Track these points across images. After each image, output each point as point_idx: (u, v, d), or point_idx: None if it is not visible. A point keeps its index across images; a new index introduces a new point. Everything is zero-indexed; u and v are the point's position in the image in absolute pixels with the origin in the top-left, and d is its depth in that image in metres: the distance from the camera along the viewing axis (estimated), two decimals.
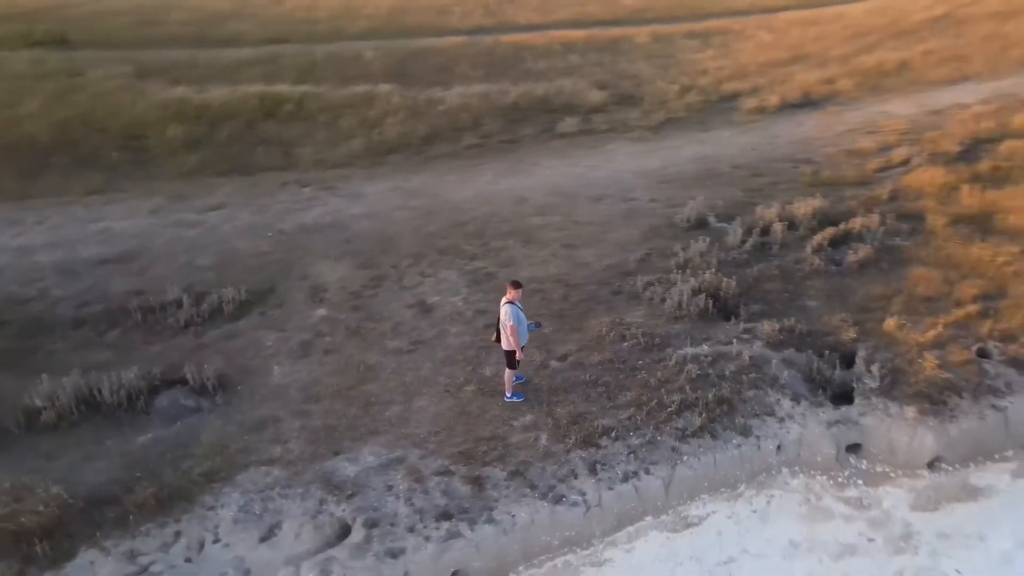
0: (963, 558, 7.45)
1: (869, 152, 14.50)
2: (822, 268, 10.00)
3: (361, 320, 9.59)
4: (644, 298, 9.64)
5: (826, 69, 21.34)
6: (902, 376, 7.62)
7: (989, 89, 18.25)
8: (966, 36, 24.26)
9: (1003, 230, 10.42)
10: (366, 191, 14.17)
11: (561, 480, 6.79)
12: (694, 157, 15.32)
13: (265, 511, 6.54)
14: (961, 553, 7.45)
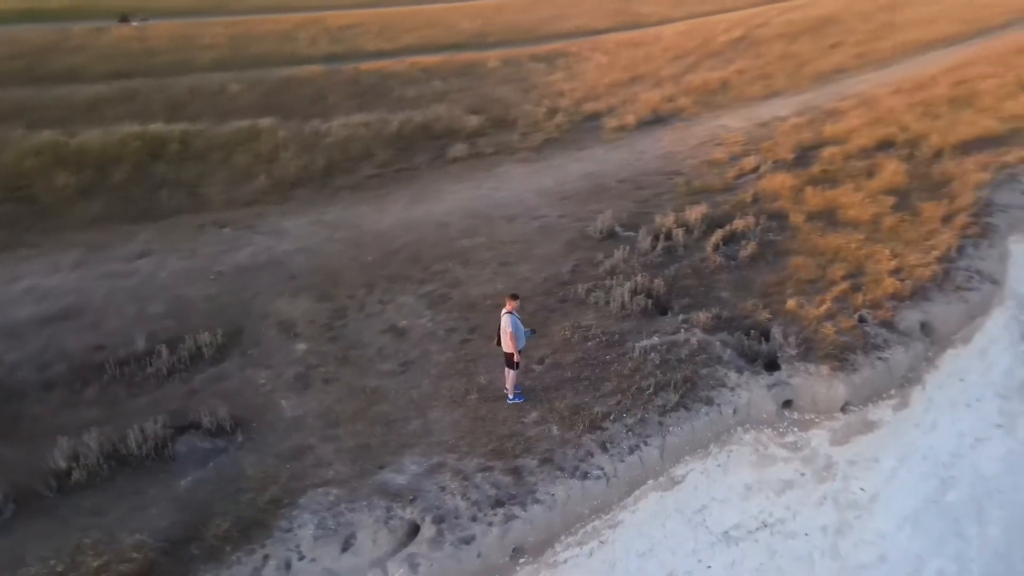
0: (865, 478, 9.71)
1: (723, 162, 17.17)
2: (723, 264, 12.13)
3: (344, 349, 10.31)
4: (590, 303, 11.21)
5: (663, 88, 24.30)
6: (812, 343, 9.76)
7: (797, 103, 21.91)
8: (765, 56, 28.51)
9: (847, 221, 13.16)
10: (286, 227, 14.58)
11: (582, 460, 8.13)
12: (581, 174, 17.21)
13: (339, 525, 7.28)
14: (863, 474, 9.71)
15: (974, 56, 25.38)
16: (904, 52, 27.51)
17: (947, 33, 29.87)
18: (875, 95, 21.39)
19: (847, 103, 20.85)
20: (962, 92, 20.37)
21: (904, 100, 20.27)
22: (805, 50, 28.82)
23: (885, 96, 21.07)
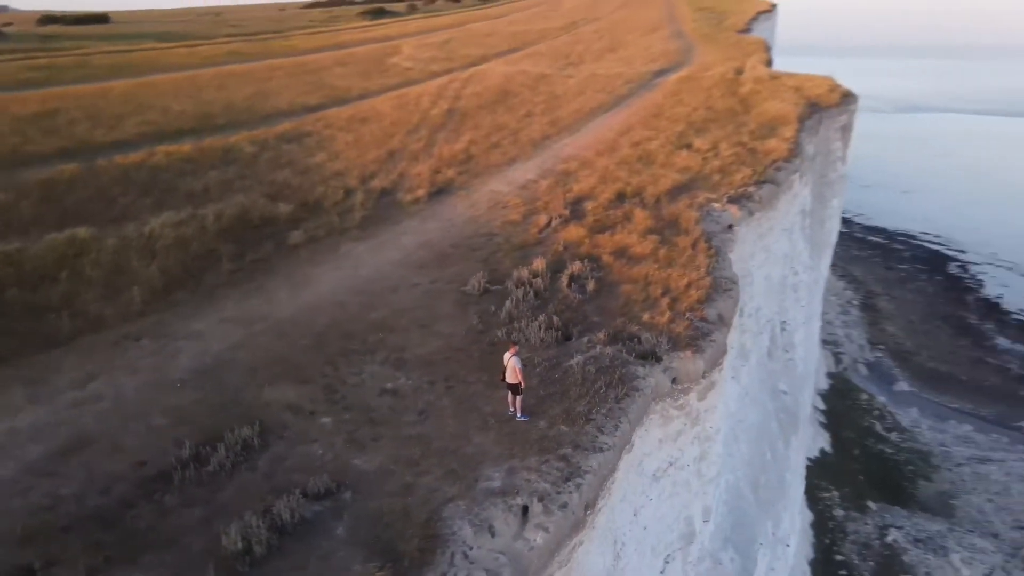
0: (712, 420, 15.26)
1: (520, 222, 22.08)
2: (581, 298, 16.90)
3: (363, 414, 12.68)
4: (516, 341, 15.02)
5: (423, 162, 28.60)
6: (672, 339, 14.96)
7: (534, 167, 27.96)
8: (481, 127, 34.54)
9: (638, 256, 18.89)
10: (199, 329, 15.69)
11: (593, 441, 12.07)
12: (416, 245, 20.69)
13: (480, 521, 10.20)
14: (712, 417, 15.25)
15: (629, 121, 34.38)
16: (578, 119, 35.73)
17: (598, 102, 39.20)
18: (586, 157, 28.40)
19: (572, 165, 27.44)
20: (642, 152, 28.29)
21: (610, 160, 27.48)
22: (508, 120, 35.56)
23: (594, 158, 28.16)
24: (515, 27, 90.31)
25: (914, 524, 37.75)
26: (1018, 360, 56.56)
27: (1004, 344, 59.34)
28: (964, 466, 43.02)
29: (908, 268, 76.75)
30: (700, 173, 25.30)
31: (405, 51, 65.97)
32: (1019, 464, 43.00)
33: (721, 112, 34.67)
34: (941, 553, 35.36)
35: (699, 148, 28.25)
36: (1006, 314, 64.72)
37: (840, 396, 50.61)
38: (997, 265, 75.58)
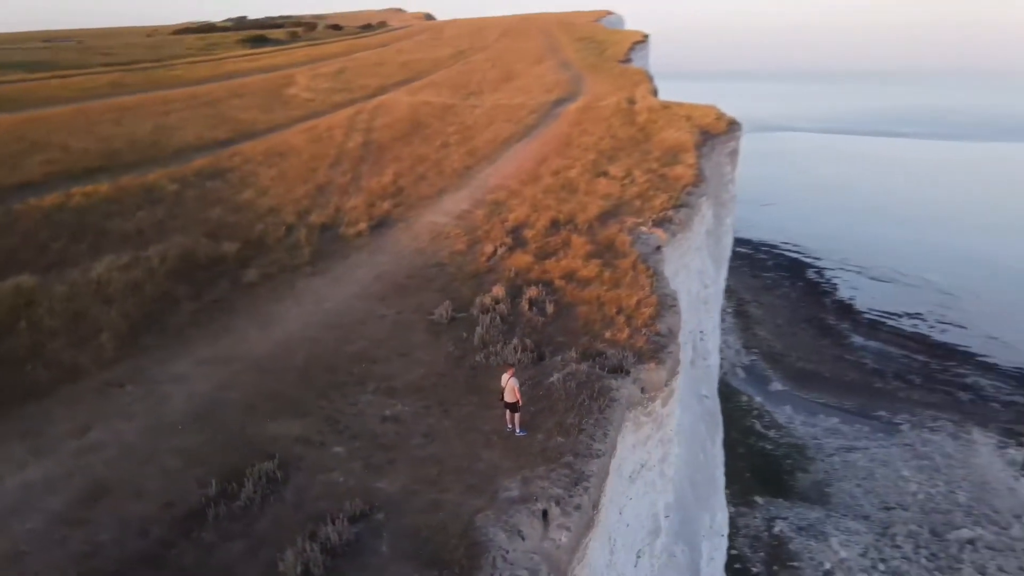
0: (671, 424, 17.01)
1: (466, 251, 23.24)
2: (544, 320, 18.28)
3: (371, 441, 13.42)
4: (494, 364, 16.20)
5: (354, 195, 29.22)
6: (639, 354, 16.58)
7: (465, 197, 29.23)
8: (403, 159, 35.48)
9: (586, 279, 20.52)
10: (181, 372, 15.84)
11: (588, 447, 13.39)
12: (372, 278, 21.41)
13: (510, 526, 11.28)
14: (671, 421, 17.00)
15: (543, 151, 36.36)
16: (494, 149, 37.38)
17: (509, 132, 41.05)
18: (512, 187, 29.98)
19: (501, 195, 28.93)
20: (564, 180, 30.19)
21: (535, 189, 29.17)
22: (427, 151, 36.68)
23: (520, 187, 29.78)
24: (405, 56, 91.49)
25: (796, 514, 41.32)
26: (871, 356, 62.99)
27: (859, 341, 65.89)
28: (834, 456, 47.44)
29: (773, 276, 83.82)
30: (622, 199, 27.42)
31: (301, 81, 65.64)
32: (880, 450, 47.87)
33: (625, 141, 37.31)
34: (821, 538, 38.90)
35: (615, 175, 30.48)
36: (858, 314, 71.94)
37: (723, 399, 54.55)
38: (847, 270, 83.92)
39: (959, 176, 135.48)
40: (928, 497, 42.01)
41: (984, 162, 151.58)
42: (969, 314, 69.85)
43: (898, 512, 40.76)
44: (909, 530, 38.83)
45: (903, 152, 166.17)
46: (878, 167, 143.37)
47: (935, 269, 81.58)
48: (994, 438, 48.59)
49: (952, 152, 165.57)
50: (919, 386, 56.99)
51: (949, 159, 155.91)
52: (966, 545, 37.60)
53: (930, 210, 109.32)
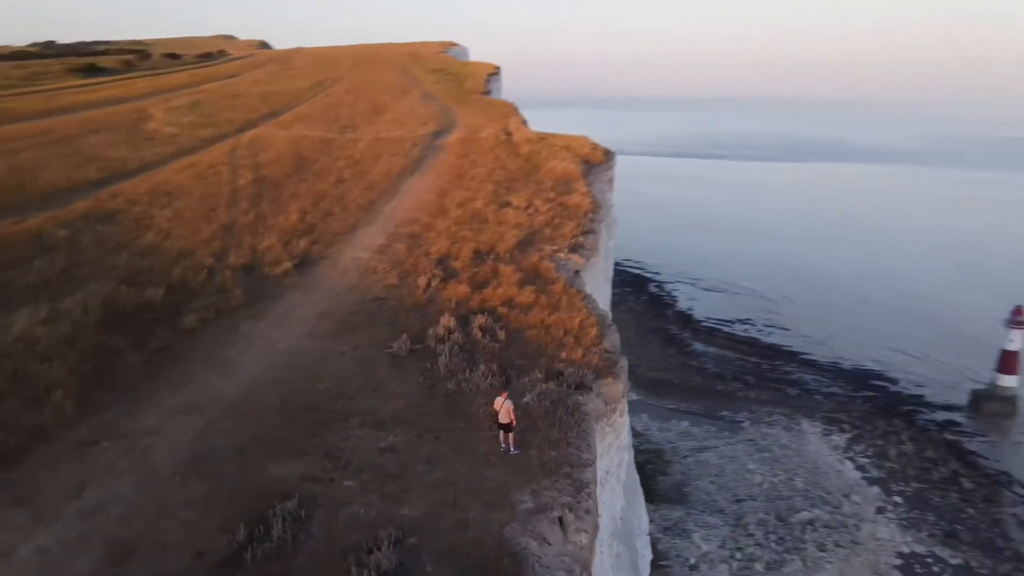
0: (625, 432, 18.77)
1: (400, 285, 23.90)
2: (499, 346, 19.44)
3: (378, 471, 13.97)
4: (467, 390, 17.15)
5: (265, 234, 28.91)
6: (597, 370, 18.15)
7: (379, 232, 29.77)
8: (302, 196, 35.31)
9: (523, 304, 21.92)
10: (153, 424, 15.52)
11: (579, 458, 14.72)
12: (315, 316, 21.59)
13: (535, 533, 12.37)
14: (625, 430, 18.75)
15: (439, 183, 37.56)
16: (390, 183, 38.09)
17: (400, 165, 41.88)
18: (423, 220, 30.92)
19: (415, 228, 29.80)
20: (471, 212, 31.56)
21: (447, 222, 30.31)
22: (324, 187, 36.71)
23: (431, 220, 30.79)
24: (261, 88, 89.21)
25: (660, 515, 44.25)
26: (711, 360, 68.74)
27: (700, 348, 71.80)
28: (689, 457, 50.93)
29: (618, 291, 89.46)
30: (533, 228, 29.20)
31: (157, 115, 62.51)
32: (727, 448, 52.01)
33: (516, 172, 39.34)
34: (684, 536, 41.91)
35: (518, 205, 32.27)
36: (697, 323, 78.57)
37: None
38: (684, 282, 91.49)
39: (770, 193, 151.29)
40: (772, 486, 45.85)
41: (789, 180, 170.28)
42: (788, 317, 78.04)
43: (748, 503, 44.56)
44: (759, 518, 42.48)
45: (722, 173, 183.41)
46: (702, 187, 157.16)
47: (756, 278, 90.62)
48: (819, 426, 54.07)
49: (762, 172, 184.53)
50: (754, 385, 62.52)
51: (760, 178, 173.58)
52: (807, 526, 41.52)
53: (749, 225, 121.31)
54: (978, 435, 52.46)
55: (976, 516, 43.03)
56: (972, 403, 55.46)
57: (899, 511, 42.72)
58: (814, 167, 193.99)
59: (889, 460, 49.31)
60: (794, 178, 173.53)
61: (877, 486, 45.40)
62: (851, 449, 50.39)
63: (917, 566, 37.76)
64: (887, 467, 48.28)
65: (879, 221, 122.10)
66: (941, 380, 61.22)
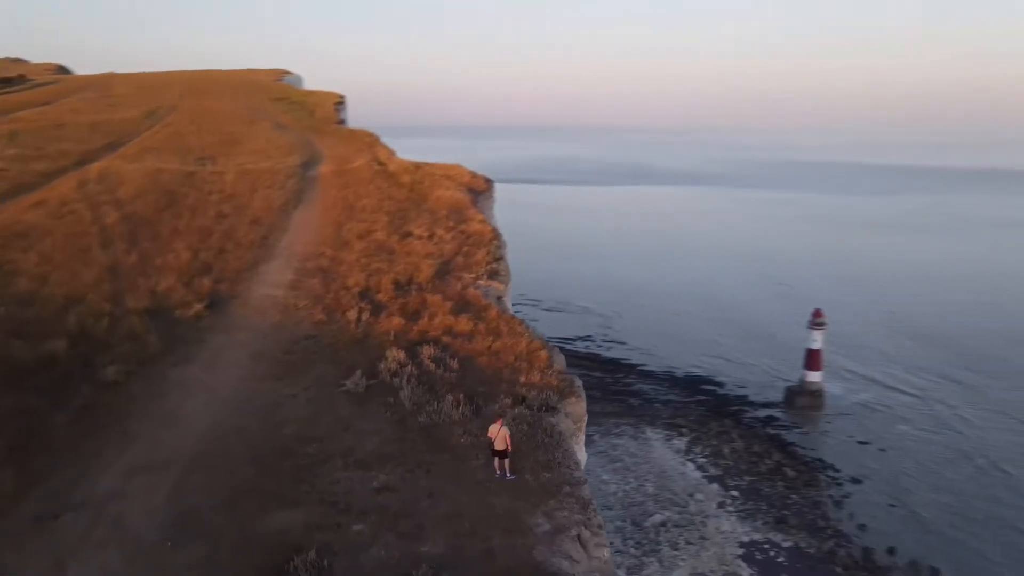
0: (583, 445, 19.50)
1: (327, 320, 23.14)
2: (453, 375, 19.44)
3: (382, 510, 13.59)
4: (440, 422, 17.04)
5: (157, 275, 26.78)
6: (556, 394, 18.66)
7: (283, 267, 28.57)
8: (183, 232, 33.03)
9: (464, 333, 22.03)
10: (114, 488, 14.15)
11: (573, 477, 15.14)
12: (248, 357, 20.41)
13: (563, 552, 12.65)
14: (583, 443, 19.47)
15: (330, 215, 36.68)
16: (276, 217, 36.62)
17: (281, 198, 40.32)
18: (327, 253, 30.08)
19: (322, 261, 28.94)
20: (375, 243, 31.15)
21: (353, 254, 29.73)
22: (206, 223, 34.57)
23: (336, 253, 30.03)
24: (85, 117, 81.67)
25: None
26: None
27: None
28: None
29: None
30: (444, 257, 29.39)
31: None
32: None
33: (404, 202, 39.27)
34: None
35: (420, 235, 32.31)
36: None
37: None
38: (526, 304, 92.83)
39: (588, 216, 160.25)
40: (625, 494, 47.80)
41: (603, 202, 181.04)
42: (622, 332, 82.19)
43: (605, 513, 46.68)
44: (616, 526, 44.48)
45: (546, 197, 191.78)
46: (524, 211, 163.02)
47: (589, 296, 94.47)
48: (662, 433, 57.26)
49: (578, 195, 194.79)
50: (600, 399, 65.00)
51: (577, 202, 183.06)
52: (660, 528, 43.75)
53: (575, 247, 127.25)
54: (794, 427, 57.83)
55: (800, 501, 47.11)
56: (786, 399, 60.53)
57: (737, 504, 46.01)
58: (624, 190, 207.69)
59: (724, 458, 53.06)
60: (607, 200, 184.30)
61: (716, 483, 48.76)
62: (691, 451, 53.64)
63: (756, 553, 40.88)
64: (723, 464, 51.96)
65: (684, 238, 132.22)
66: (758, 381, 66.91)
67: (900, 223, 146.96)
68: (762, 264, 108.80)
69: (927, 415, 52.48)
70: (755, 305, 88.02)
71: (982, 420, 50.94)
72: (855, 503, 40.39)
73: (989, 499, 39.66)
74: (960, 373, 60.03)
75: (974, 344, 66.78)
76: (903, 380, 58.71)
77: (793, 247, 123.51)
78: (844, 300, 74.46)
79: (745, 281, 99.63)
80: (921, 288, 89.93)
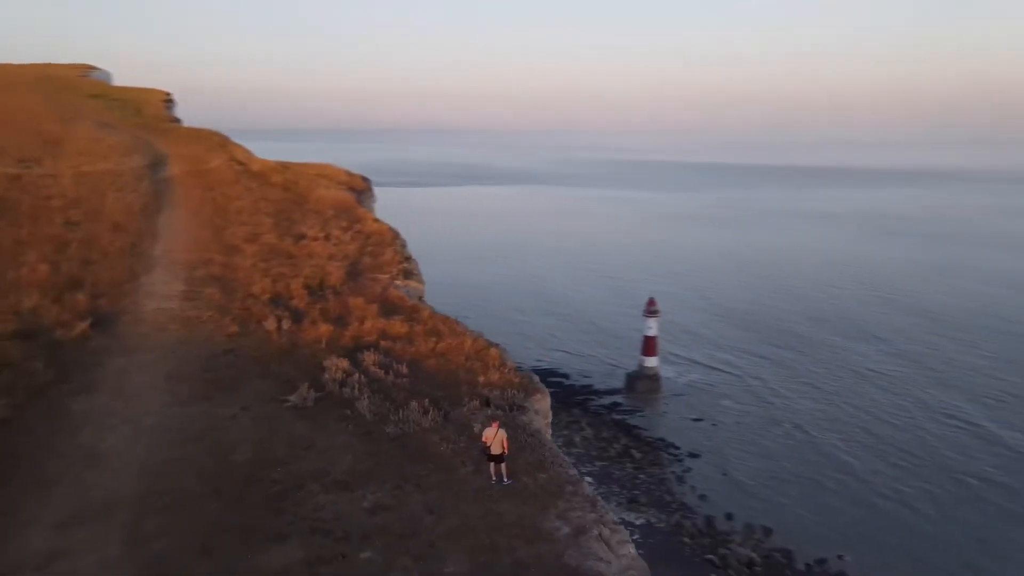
0: None
1: (241, 332, 20.82)
2: (406, 380, 18.13)
3: (388, 536, 12.26)
4: (411, 431, 15.76)
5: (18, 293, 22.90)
6: (523, 391, 17.92)
7: (168, 278, 25.45)
8: (27, 243, 28.60)
9: (399, 339, 20.68)
10: (49, 546, 11.67)
11: (568, 473, 14.54)
12: (163, 379, 17.85)
13: (591, 553, 12.04)
14: None
15: (204, 218, 33.40)
16: (141, 223, 32.73)
17: (139, 202, 36.12)
18: (216, 259, 27.24)
19: (213, 269, 26.11)
20: (268, 247, 28.66)
21: (247, 259, 27.16)
22: (56, 231, 30.06)
23: (225, 258, 27.28)
24: None
25: None
26: None
27: None
28: None
29: None
30: (350, 258, 27.62)
31: None
32: None
33: (284, 203, 36.65)
34: None
35: (315, 236, 30.23)
36: None
37: None
38: None
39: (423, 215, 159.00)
40: None
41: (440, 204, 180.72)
42: None
43: None
44: None
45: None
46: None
47: (434, 296, 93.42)
48: None
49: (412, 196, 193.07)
50: None
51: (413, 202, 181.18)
52: None
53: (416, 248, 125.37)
54: (636, 411, 60.21)
55: (647, 480, 48.99)
56: (627, 385, 62.73)
57: (592, 489, 47.58)
58: (456, 191, 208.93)
59: (576, 446, 54.26)
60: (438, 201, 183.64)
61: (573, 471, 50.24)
62: None
63: None
64: (575, 452, 53.06)
65: (516, 236, 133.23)
66: (600, 370, 68.61)
67: (709, 216, 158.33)
68: (591, 259, 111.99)
69: (744, 390, 56.19)
70: (588, 298, 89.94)
71: (788, 390, 55.41)
72: (695, 477, 42.24)
73: (798, 460, 43.14)
74: (768, 350, 65.08)
75: (778, 323, 72.98)
76: (722, 360, 62.63)
77: (617, 241, 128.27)
78: (665, 289, 78.77)
79: (577, 276, 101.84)
80: (731, 275, 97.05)
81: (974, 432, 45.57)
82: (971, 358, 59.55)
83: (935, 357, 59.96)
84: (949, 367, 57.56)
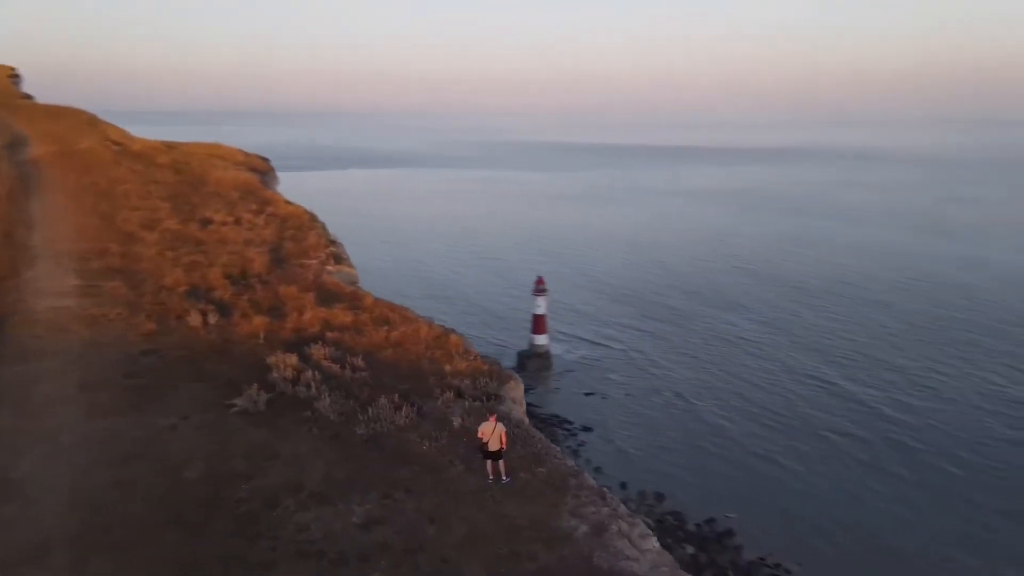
0: None
1: (159, 329, 18.27)
2: (366, 375, 16.39)
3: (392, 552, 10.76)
4: (384, 430, 14.13)
5: None
6: (497, 378, 16.60)
7: (57, 272, 22.16)
8: None
9: (345, 329, 18.81)
10: None
11: (566, 466, 13.45)
12: (77, 389, 15.26)
13: (614, 549, 11.04)
14: None
15: (87, 202, 29.61)
16: (10, 209, 28.67)
17: (2, 188, 31.71)
18: (109, 249, 24.00)
19: (111, 260, 22.89)
20: (171, 233, 25.71)
21: (148, 248, 24.14)
22: None
23: (123, 248, 24.05)
24: None
25: None
26: None
27: None
28: None
29: None
30: (269, 243, 25.18)
31: None
32: None
33: (178, 185, 33.25)
34: None
35: (224, 221, 27.44)
36: None
37: None
38: None
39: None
40: None
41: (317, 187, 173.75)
42: None
43: None
44: None
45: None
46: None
47: None
48: None
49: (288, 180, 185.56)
50: None
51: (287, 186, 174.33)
52: None
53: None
54: (529, 389, 59.63)
55: None
56: (519, 363, 62.69)
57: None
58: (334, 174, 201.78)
59: None
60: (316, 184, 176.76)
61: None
62: None
63: None
64: None
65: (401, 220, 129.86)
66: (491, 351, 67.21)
67: (587, 195, 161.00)
68: (474, 240, 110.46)
69: (628, 363, 57.06)
70: (473, 280, 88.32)
71: (668, 361, 56.81)
72: (589, 450, 42.41)
73: (681, 428, 44.40)
74: (648, 323, 66.64)
75: (655, 298, 75.03)
76: (607, 335, 63.47)
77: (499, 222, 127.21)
78: (548, 269, 79.16)
79: (461, 258, 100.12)
80: (610, 252, 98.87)
81: (832, 391, 48.04)
82: (826, 322, 63.10)
83: (795, 323, 63.14)
84: (808, 332, 60.70)
